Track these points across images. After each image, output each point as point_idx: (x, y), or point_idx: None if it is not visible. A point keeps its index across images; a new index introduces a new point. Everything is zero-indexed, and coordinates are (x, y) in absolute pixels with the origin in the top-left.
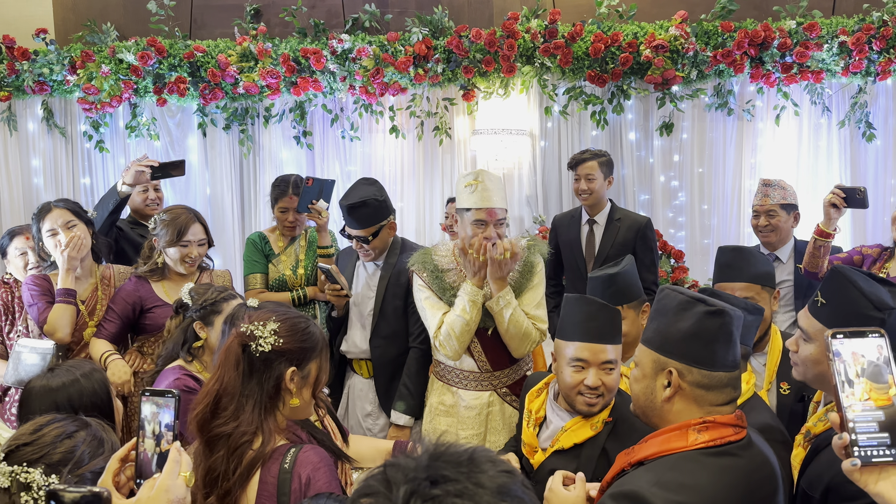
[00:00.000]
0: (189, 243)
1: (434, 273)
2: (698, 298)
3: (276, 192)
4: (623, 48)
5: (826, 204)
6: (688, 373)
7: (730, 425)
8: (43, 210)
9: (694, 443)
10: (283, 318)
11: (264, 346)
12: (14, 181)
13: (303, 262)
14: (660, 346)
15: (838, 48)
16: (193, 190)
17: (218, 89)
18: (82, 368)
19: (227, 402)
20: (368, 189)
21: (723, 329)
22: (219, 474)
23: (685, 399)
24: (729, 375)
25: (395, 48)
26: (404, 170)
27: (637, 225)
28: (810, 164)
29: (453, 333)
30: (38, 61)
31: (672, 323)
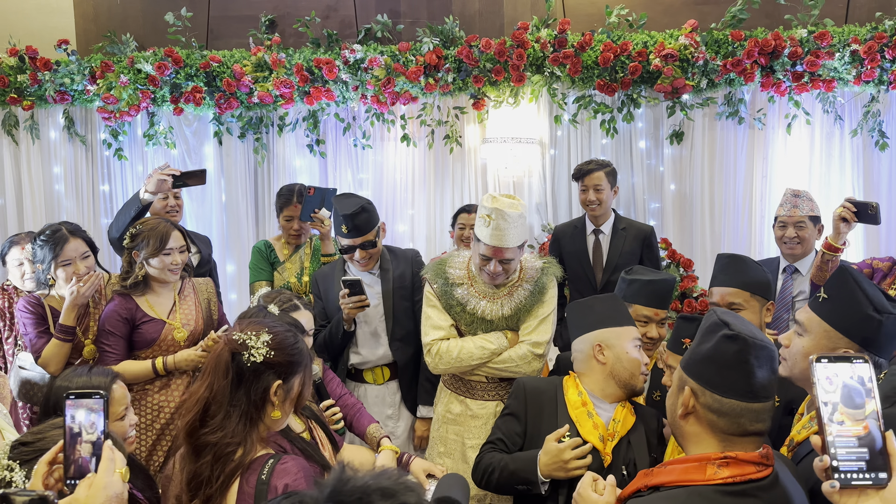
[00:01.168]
0: (171, 251)
1: (444, 286)
2: (725, 322)
3: (281, 201)
4: (633, 57)
5: (836, 217)
6: (701, 394)
7: (752, 462)
8: (60, 239)
9: (712, 478)
10: (274, 330)
11: (256, 357)
12: (36, 188)
13: (308, 270)
14: (686, 363)
15: (850, 57)
16: (209, 197)
17: (233, 98)
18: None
19: (216, 409)
20: (354, 198)
21: (738, 356)
22: (203, 479)
23: (699, 422)
24: (743, 406)
25: (406, 58)
26: (415, 178)
27: (642, 234)
28: (822, 173)
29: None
30: (60, 71)
31: (699, 343)
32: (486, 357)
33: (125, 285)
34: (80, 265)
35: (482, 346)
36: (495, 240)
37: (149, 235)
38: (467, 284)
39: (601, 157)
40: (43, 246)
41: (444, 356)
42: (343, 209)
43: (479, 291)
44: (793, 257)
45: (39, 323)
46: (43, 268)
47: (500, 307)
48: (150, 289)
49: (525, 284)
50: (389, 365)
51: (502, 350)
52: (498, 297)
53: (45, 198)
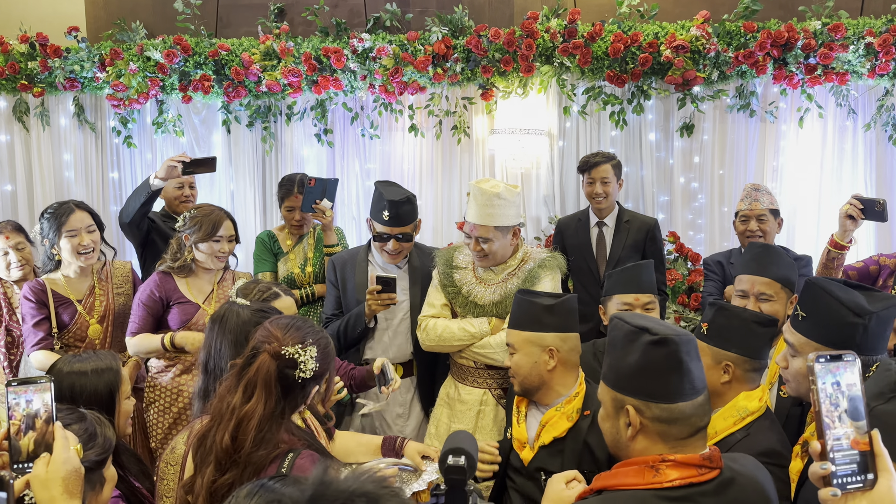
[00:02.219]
0: (221, 238)
1: (446, 268)
2: (643, 327)
3: (282, 192)
4: (643, 48)
5: (842, 215)
6: (646, 408)
7: (693, 465)
8: (65, 210)
9: (651, 481)
10: (317, 339)
11: (307, 374)
12: (47, 175)
13: (311, 260)
14: (615, 382)
15: (864, 49)
16: (218, 186)
17: (241, 87)
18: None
19: (264, 425)
20: (401, 188)
21: (670, 358)
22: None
23: (649, 436)
24: (691, 404)
25: (414, 47)
26: (423, 168)
27: (646, 226)
28: (835, 167)
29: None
30: (70, 58)
31: (622, 356)
32: (466, 339)
33: (172, 266)
34: (85, 237)
35: (464, 329)
36: (472, 217)
37: (202, 221)
38: (468, 269)
39: (610, 149)
40: (49, 218)
41: (430, 332)
42: (389, 195)
43: (477, 277)
44: None
45: (38, 310)
46: (49, 241)
47: (491, 293)
48: (194, 273)
49: (520, 274)
50: (404, 363)
51: (483, 335)
52: (492, 283)
53: (56, 184)
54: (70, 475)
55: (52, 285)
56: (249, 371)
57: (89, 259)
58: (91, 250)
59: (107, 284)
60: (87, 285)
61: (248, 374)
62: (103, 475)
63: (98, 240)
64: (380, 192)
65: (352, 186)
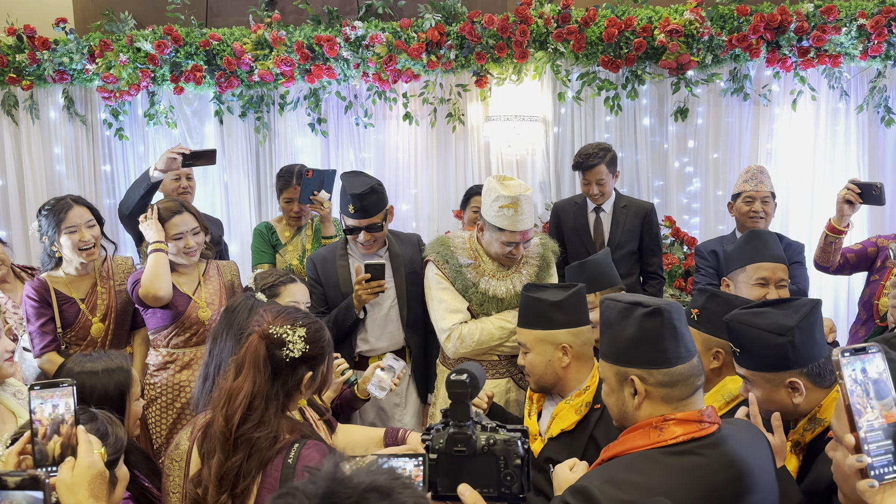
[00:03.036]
0: (182, 235)
1: (456, 269)
2: (635, 303)
3: (281, 183)
4: (637, 33)
5: (840, 199)
6: (648, 376)
7: (693, 421)
8: (64, 206)
9: (656, 440)
10: (307, 322)
11: (294, 353)
12: (37, 169)
13: (309, 252)
14: (616, 357)
15: (857, 31)
16: (211, 177)
17: (233, 77)
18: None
19: (258, 404)
20: (365, 178)
21: (666, 326)
22: (237, 474)
23: (653, 401)
24: (688, 366)
25: (407, 35)
26: (418, 157)
27: (643, 211)
28: (827, 149)
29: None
30: (59, 50)
31: (619, 332)
32: (505, 336)
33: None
34: (85, 232)
35: (502, 326)
36: (522, 225)
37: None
38: (476, 264)
39: (605, 135)
40: (47, 215)
41: (467, 340)
42: (352, 188)
43: (487, 271)
44: None
45: (42, 310)
46: (48, 238)
47: (511, 284)
48: (176, 270)
49: (531, 260)
50: (397, 352)
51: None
52: (507, 275)
53: (47, 178)
54: (95, 479)
55: (55, 284)
56: (239, 352)
57: (91, 255)
58: (92, 246)
59: (108, 282)
60: (89, 283)
61: (238, 356)
62: (115, 475)
63: (98, 235)
64: (343, 186)
65: None
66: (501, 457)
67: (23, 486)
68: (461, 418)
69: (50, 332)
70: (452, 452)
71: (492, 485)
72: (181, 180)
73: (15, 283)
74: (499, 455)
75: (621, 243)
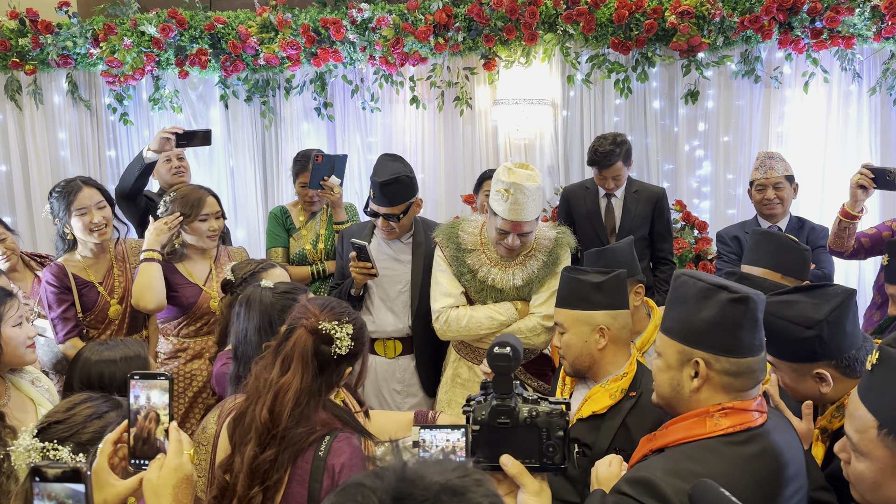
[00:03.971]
0: (207, 217)
1: (457, 252)
2: (720, 285)
3: (297, 167)
4: (648, 14)
5: (853, 185)
6: (715, 362)
7: (750, 411)
8: (74, 187)
9: (714, 430)
10: (352, 318)
11: (342, 350)
12: (42, 154)
13: (323, 237)
14: (683, 335)
15: (871, 12)
16: (217, 162)
17: (239, 61)
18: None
19: (302, 399)
20: (397, 165)
21: (748, 315)
22: (270, 465)
23: (713, 388)
24: (756, 359)
25: (415, 17)
26: (425, 141)
27: (654, 196)
28: (839, 132)
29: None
30: (62, 35)
31: (694, 312)
32: (495, 328)
33: (163, 254)
34: (95, 213)
35: (491, 317)
36: (514, 214)
37: (182, 202)
38: (479, 251)
39: (614, 118)
40: (58, 197)
41: (453, 324)
42: (378, 174)
43: (490, 259)
44: (773, 217)
45: (63, 296)
46: (60, 221)
47: (511, 277)
48: (187, 257)
49: (538, 255)
50: (402, 339)
51: (512, 321)
52: (510, 266)
53: (51, 164)
54: (181, 483)
55: (73, 268)
56: (286, 346)
57: (103, 235)
58: (104, 226)
59: (124, 264)
60: (105, 266)
61: (284, 350)
62: None
63: (110, 216)
64: (375, 168)
65: (353, 160)
66: (544, 428)
67: (64, 478)
68: (504, 390)
69: (72, 317)
70: (496, 424)
71: (534, 455)
72: (172, 161)
73: (24, 272)
74: (541, 427)
75: (632, 228)
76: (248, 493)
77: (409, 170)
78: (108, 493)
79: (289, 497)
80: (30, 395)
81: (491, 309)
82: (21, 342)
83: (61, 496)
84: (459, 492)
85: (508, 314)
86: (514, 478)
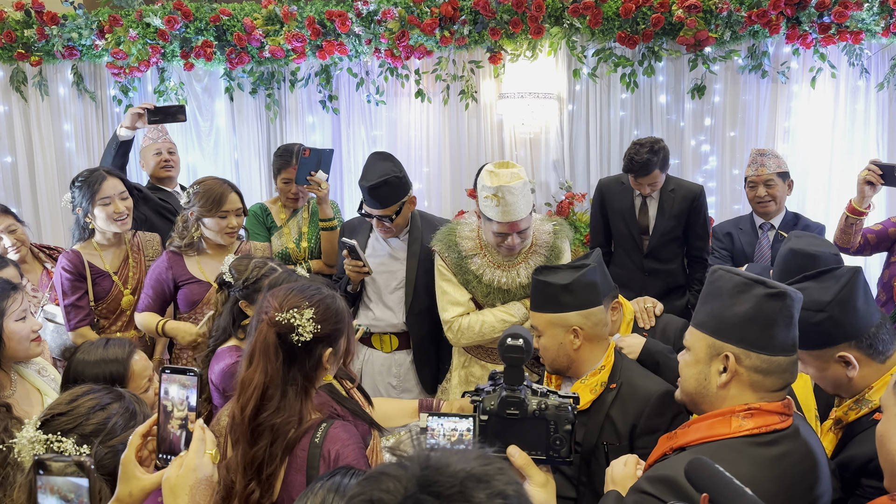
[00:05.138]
0: (227, 213)
1: (459, 259)
2: (757, 280)
3: (280, 163)
4: (654, 8)
5: (861, 181)
6: (745, 357)
7: (776, 413)
8: (98, 177)
9: (738, 430)
10: (315, 301)
11: (305, 336)
12: (47, 145)
13: (306, 235)
14: (715, 329)
15: (879, 7)
16: (222, 154)
17: (244, 53)
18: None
19: (273, 392)
20: (385, 165)
21: (783, 312)
22: (262, 461)
23: (741, 385)
24: (788, 360)
25: (420, 10)
26: (430, 135)
27: (692, 194)
28: (846, 127)
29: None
30: (67, 26)
31: (728, 306)
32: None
33: (180, 245)
34: (119, 204)
35: (503, 320)
36: (507, 215)
37: (205, 195)
38: (481, 254)
39: (620, 112)
40: (81, 186)
41: (466, 332)
42: (366, 178)
43: (493, 261)
44: (767, 215)
45: (77, 284)
46: (82, 210)
47: (516, 275)
48: (204, 251)
49: (539, 250)
50: (398, 334)
51: (524, 320)
52: (513, 265)
53: (56, 155)
54: (199, 483)
55: (89, 257)
56: (252, 342)
57: (124, 224)
58: (126, 216)
59: (139, 255)
60: (121, 256)
61: (250, 345)
62: None
63: (131, 206)
64: (364, 171)
65: (358, 154)
66: (552, 421)
67: (67, 472)
68: (515, 382)
69: (84, 305)
70: (505, 415)
71: (540, 448)
72: (162, 154)
73: (34, 264)
74: (549, 420)
75: (666, 229)
76: (245, 488)
77: (399, 168)
78: (134, 486)
79: (288, 485)
80: (36, 386)
81: (502, 311)
82: (25, 336)
83: (64, 490)
84: (484, 479)
85: (520, 314)
86: (521, 469)
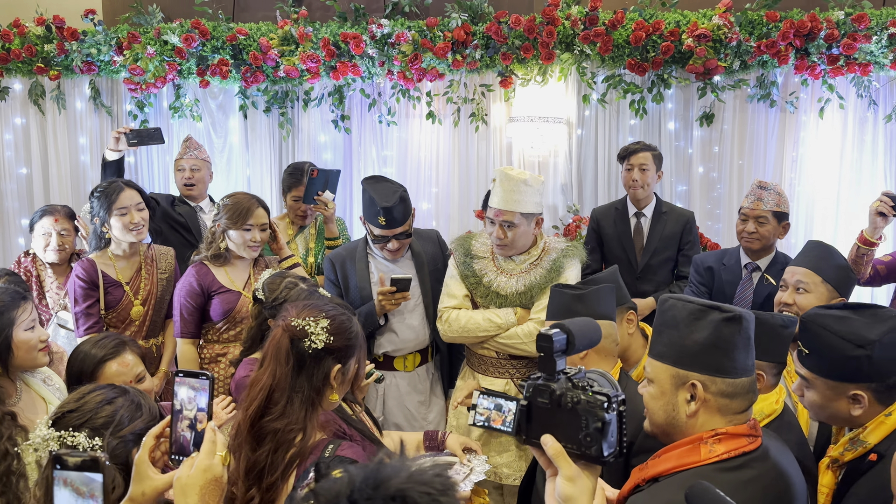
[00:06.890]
0: (252, 227)
1: (465, 257)
2: (711, 306)
3: (290, 181)
4: (665, 37)
5: (872, 212)
6: (711, 384)
7: (743, 435)
8: (115, 188)
9: (708, 456)
10: (332, 314)
11: (317, 344)
12: (63, 158)
13: (312, 251)
14: (676, 359)
15: (888, 40)
16: (234, 171)
17: (259, 72)
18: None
19: (279, 396)
20: (390, 185)
21: (742, 335)
22: (263, 468)
23: (709, 410)
24: (749, 380)
25: (433, 33)
26: (440, 156)
27: (683, 218)
28: (854, 158)
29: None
30: (87, 42)
31: (686, 334)
32: (492, 330)
33: (207, 255)
34: (135, 214)
35: (489, 319)
36: (496, 201)
37: (231, 209)
38: (488, 259)
39: (629, 138)
40: (99, 197)
41: (453, 324)
42: (382, 200)
43: (498, 267)
44: (752, 252)
45: (89, 292)
46: (100, 219)
47: (514, 283)
48: (230, 262)
49: (542, 264)
50: (421, 351)
51: (509, 326)
52: (515, 273)
53: (72, 168)
54: (208, 484)
55: (103, 266)
56: (265, 346)
57: (140, 235)
58: (142, 226)
59: (152, 267)
60: (134, 267)
61: (263, 349)
62: None
63: (147, 218)
64: (370, 197)
65: (368, 173)
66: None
67: (83, 467)
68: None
69: (95, 313)
70: (537, 403)
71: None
72: (184, 171)
73: (65, 268)
74: (581, 415)
75: (658, 249)
76: (245, 494)
77: (400, 186)
78: (147, 485)
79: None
80: (41, 394)
81: (491, 312)
82: (33, 346)
83: (77, 483)
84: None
85: (507, 318)
86: (552, 459)
